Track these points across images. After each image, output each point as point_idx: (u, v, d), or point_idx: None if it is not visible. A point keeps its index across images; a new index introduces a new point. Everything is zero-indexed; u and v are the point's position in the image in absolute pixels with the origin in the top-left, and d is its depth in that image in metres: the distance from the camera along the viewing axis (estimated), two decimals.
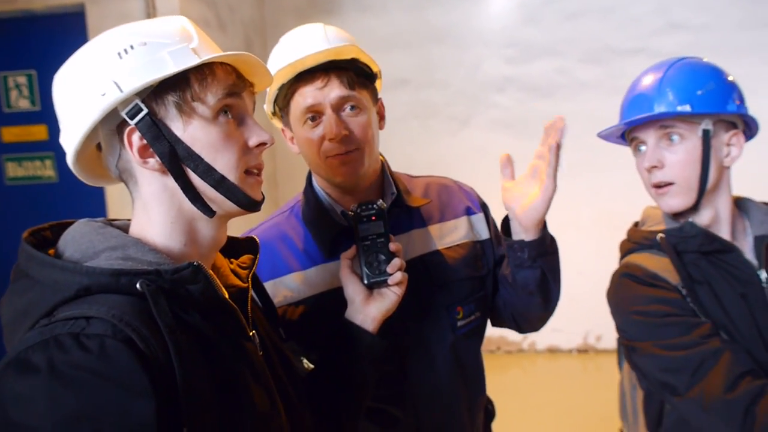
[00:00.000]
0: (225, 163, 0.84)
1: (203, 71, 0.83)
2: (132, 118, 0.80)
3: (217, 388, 0.78)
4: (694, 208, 1.30)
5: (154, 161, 0.83)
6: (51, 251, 0.82)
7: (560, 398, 3.75)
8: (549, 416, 3.54)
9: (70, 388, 0.66)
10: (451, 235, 1.37)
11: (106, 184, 0.94)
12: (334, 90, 1.21)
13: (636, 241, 1.36)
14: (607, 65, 4.24)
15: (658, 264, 1.28)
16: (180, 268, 0.78)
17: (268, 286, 1.24)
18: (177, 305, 0.77)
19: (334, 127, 1.19)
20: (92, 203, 3.29)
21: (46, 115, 3.34)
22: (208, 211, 0.85)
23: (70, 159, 0.86)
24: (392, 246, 1.12)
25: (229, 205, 0.86)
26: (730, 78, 1.30)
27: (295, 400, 0.95)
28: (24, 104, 3.34)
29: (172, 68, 0.80)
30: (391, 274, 1.11)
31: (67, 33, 3.17)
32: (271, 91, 1.26)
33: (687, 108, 1.24)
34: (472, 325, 1.35)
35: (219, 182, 0.84)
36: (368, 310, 1.11)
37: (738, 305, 1.23)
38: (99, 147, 0.88)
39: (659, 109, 1.27)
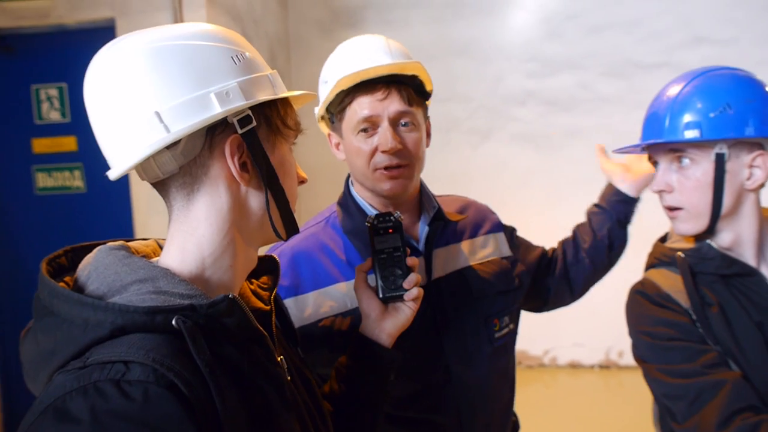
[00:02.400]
0: (290, 191, 0.85)
1: (287, 101, 0.86)
2: (242, 128, 0.78)
3: (253, 420, 0.75)
4: (709, 231, 1.23)
5: (248, 175, 0.80)
6: (68, 279, 0.78)
7: (582, 415, 3.70)
8: (568, 431, 3.51)
9: None
10: (482, 251, 1.40)
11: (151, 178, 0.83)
12: (393, 104, 1.23)
13: (657, 256, 1.33)
14: (629, 79, 4.23)
15: (673, 283, 1.24)
16: (216, 302, 0.74)
17: (312, 296, 1.26)
18: (211, 339, 0.74)
19: (390, 140, 1.21)
20: (119, 213, 3.35)
21: (75, 126, 3.42)
22: (284, 234, 0.85)
23: (161, 144, 0.75)
24: (409, 261, 1.10)
25: (272, 233, 0.85)
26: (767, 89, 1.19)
27: (320, 423, 0.93)
28: (55, 116, 3.43)
29: (278, 91, 0.82)
30: (407, 290, 1.08)
31: (97, 47, 3.21)
32: (328, 96, 1.27)
33: (695, 134, 1.17)
34: (507, 337, 1.38)
35: (284, 207, 0.84)
36: (383, 326, 1.09)
37: (751, 333, 1.17)
38: None
39: (668, 133, 1.21)
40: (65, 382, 0.66)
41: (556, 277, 1.54)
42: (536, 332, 4.37)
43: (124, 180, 3.33)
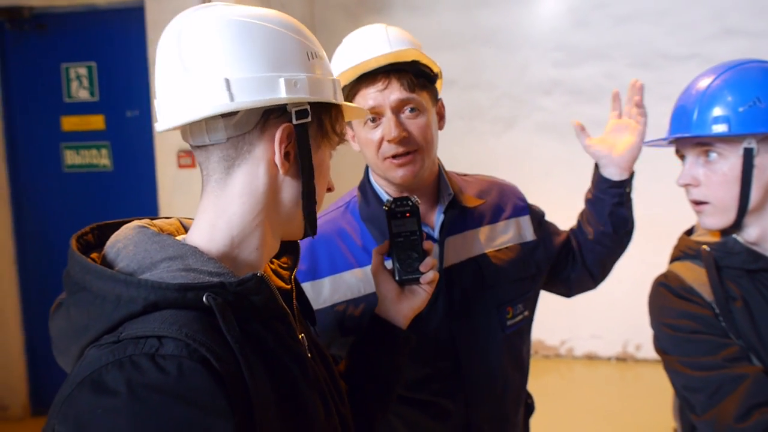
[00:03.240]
0: (320, 193, 0.88)
1: (341, 109, 0.90)
2: (297, 119, 0.81)
3: (280, 394, 0.78)
4: (736, 226, 1.23)
5: (288, 165, 0.83)
6: (95, 255, 0.80)
7: (597, 406, 3.71)
8: (584, 423, 3.51)
9: (152, 411, 0.65)
10: (501, 237, 1.41)
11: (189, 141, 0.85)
12: (394, 92, 1.24)
13: (682, 249, 1.33)
14: (657, 71, 4.17)
15: (697, 277, 1.24)
16: (245, 279, 0.76)
17: (328, 281, 1.28)
18: (239, 316, 0.76)
19: (393, 129, 1.23)
20: (144, 191, 3.42)
21: (104, 105, 3.48)
22: (311, 230, 0.89)
23: (221, 110, 0.77)
24: (425, 244, 1.12)
25: (298, 228, 0.89)
26: None
27: (338, 400, 0.95)
28: (84, 95, 3.49)
29: (338, 98, 0.87)
30: (423, 273, 1.10)
31: (126, 27, 3.28)
32: None
33: (723, 128, 1.17)
34: (521, 324, 1.40)
35: (311, 206, 0.86)
36: (399, 307, 1.11)
37: None
38: None
39: (696, 127, 1.21)
40: (101, 356, 0.68)
41: (575, 268, 1.54)
42: (554, 322, 4.37)
43: (149, 160, 3.39)
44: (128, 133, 3.46)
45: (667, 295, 1.26)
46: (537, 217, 1.51)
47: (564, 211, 4.32)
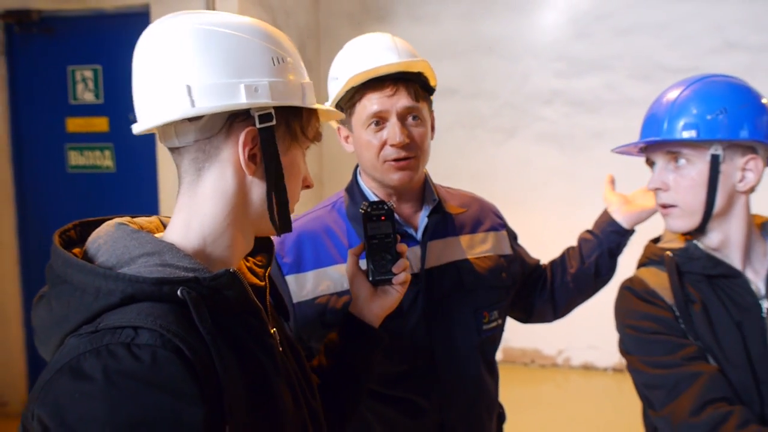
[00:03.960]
0: (292, 192, 0.91)
1: (315, 112, 0.93)
2: (260, 123, 0.84)
3: (249, 386, 0.81)
4: (700, 230, 1.28)
5: (254, 167, 0.86)
6: (77, 250, 0.83)
7: (593, 416, 3.71)
8: None
9: (126, 397, 0.68)
10: (480, 246, 1.46)
11: (168, 143, 0.89)
12: (401, 100, 1.30)
13: (647, 255, 1.39)
14: (657, 83, 4.15)
15: (660, 281, 1.30)
16: (218, 275, 0.80)
17: (311, 274, 1.33)
18: (213, 310, 0.79)
19: (398, 134, 1.28)
20: (146, 192, 3.45)
21: (108, 108, 3.52)
22: (278, 229, 0.90)
23: (181, 115, 0.82)
24: (399, 247, 1.15)
25: (270, 226, 0.91)
26: (763, 101, 1.26)
27: (308, 394, 0.99)
28: (89, 97, 3.54)
29: (307, 101, 0.89)
30: (395, 274, 1.14)
31: (132, 31, 3.30)
32: (339, 92, 1.34)
33: (692, 134, 1.23)
34: (494, 330, 1.44)
35: (283, 206, 0.89)
36: (372, 307, 1.15)
37: (731, 332, 1.23)
38: None
39: (666, 133, 1.26)
40: (79, 345, 0.72)
41: (542, 296, 1.59)
42: (551, 332, 4.37)
43: (152, 161, 3.43)
44: (131, 135, 3.43)
45: (631, 298, 1.32)
46: (512, 235, 1.57)
47: (562, 220, 4.36)
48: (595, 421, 3.65)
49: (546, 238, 4.21)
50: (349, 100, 1.34)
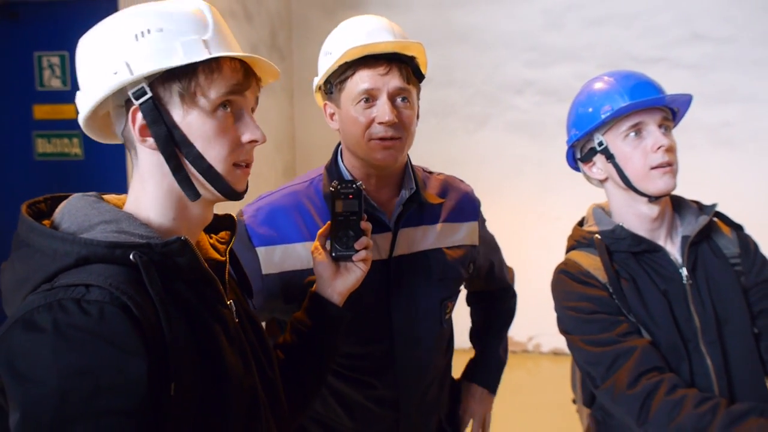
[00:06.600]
0: (215, 155, 0.90)
1: (211, 66, 0.88)
2: (137, 99, 0.87)
3: (199, 350, 0.85)
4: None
5: (151, 140, 0.89)
6: (46, 222, 0.87)
7: (564, 401, 3.76)
8: (551, 417, 3.58)
9: (73, 347, 0.73)
10: (453, 236, 1.47)
11: (113, 141, 1.01)
12: (394, 79, 1.30)
13: (576, 238, 1.47)
14: None
15: (592, 262, 1.40)
16: (169, 242, 0.84)
17: (280, 249, 1.33)
18: (165, 275, 0.84)
19: (388, 113, 1.28)
20: (114, 180, 3.41)
21: (76, 94, 3.46)
22: (192, 194, 0.91)
23: (81, 120, 0.94)
24: (363, 224, 1.16)
25: (212, 192, 0.92)
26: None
27: (265, 365, 1.02)
28: (56, 84, 3.47)
29: (180, 59, 0.86)
30: (357, 251, 1.14)
31: (99, 16, 3.24)
32: (330, 67, 1.32)
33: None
34: (449, 319, 1.49)
35: (206, 170, 0.90)
36: (335, 285, 1.16)
37: (659, 301, 1.35)
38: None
39: (667, 99, 1.36)
40: (34, 300, 0.77)
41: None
42: (521, 318, 4.40)
43: (120, 149, 3.35)
44: None
45: (567, 281, 1.41)
46: (482, 224, 1.59)
47: (534, 207, 4.42)
48: (567, 405, 3.70)
49: (517, 226, 4.28)
50: (340, 75, 1.32)
